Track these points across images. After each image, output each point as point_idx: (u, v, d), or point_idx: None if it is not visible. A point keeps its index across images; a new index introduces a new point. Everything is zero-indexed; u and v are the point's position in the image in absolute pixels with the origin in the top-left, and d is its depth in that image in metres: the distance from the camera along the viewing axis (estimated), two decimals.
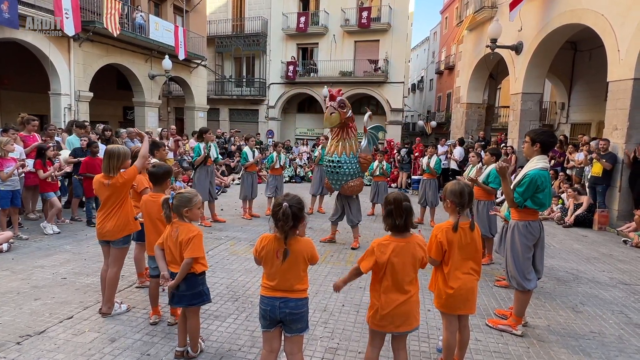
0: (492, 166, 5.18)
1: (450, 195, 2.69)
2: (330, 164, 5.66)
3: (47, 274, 4.41)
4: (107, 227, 3.39)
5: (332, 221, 6.17)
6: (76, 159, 6.73)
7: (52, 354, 2.88)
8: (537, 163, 3.35)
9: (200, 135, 7.14)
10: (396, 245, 2.39)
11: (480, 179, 5.23)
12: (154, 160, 5.01)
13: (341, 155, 5.61)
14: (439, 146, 12.20)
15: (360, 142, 5.93)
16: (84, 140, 6.98)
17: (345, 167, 5.59)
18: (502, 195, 5.64)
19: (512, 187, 3.40)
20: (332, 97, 5.49)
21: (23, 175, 6.00)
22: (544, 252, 3.62)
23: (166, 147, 9.47)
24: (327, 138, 9.07)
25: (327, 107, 5.48)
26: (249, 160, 7.68)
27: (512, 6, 10.27)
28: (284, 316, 2.33)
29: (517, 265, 3.39)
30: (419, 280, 2.58)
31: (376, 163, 8.16)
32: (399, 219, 2.38)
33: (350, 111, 5.59)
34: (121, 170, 3.40)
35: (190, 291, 2.76)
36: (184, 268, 2.71)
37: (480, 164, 6.03)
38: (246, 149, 7.81)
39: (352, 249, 5.81)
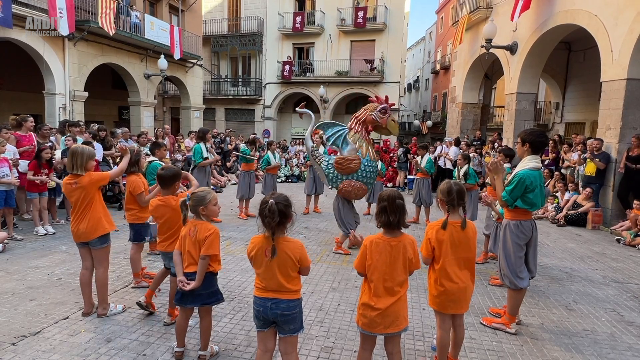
0: (506, 165, 5.20)
1: (439, 194, 2.78)
2: (372, 167, 5.57)
3: (42, 274, 4.40)
4: (80, 228, 3.38)
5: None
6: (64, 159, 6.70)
7: (47, 354, 2.88)
8: (528, 163, 3.39)
9: (203, 136, 7.16)
10: (387, 244, 2.40)
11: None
12: (150, 158, 5.06)
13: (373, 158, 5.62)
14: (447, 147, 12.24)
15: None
16: (69, 139, 6.94)
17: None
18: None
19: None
20: (391, 105, 5.54)
21: (17, 175, 5.96)
22: (538, 252, 3.65)
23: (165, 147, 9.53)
24: (321, 138, 9.08)
25: (389, 115, 5.46)
26: (247, 157, 7.73)
27: (514, 10, 10.34)
28: (275, 317, 2.34)
29: (509, 263, 3.43)
30: (414, 279, 2.59)
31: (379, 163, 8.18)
32: (392, 216, 2.38)
33: None
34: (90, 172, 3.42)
35: (207, 290, 2.77)
36: (201, 266, 2.71)
37: (467, 166, 6.34)
38: (242, 146, 7.88)
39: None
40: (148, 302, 3.49)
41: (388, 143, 15.09)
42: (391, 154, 13.58)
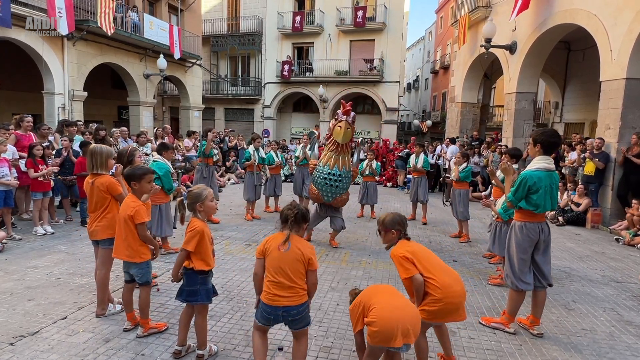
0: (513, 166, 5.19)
1: (393, 226, 2.71)
2: (331, 177, 5.51)
3: (40, 274, 4.39)
4: (93, 226, 3.44)
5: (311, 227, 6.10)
6: (60, 159, 6.68)
7: (46, 354, 2.88)
8: (536, 164, 3.31)
9: (205, 134, 7.20)
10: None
11: (499, 178, 5.25)
12: (156, 157, 5.13)
13: (341, 169, 5.54)
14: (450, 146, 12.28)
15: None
16: (65, 140, 6.96)
17: (344, 182, 5.59)
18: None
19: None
20: (348, 112, 5.37)
21: (17, 175, 5.95)
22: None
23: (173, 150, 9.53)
24: (309, 137, 9.04)
25: (341, 120, 5.37)
26: (251, 159, 7.43)
27: (514, 9, 10.36)
28: (286, 321, 2.53)
29: (512, 265, 3.40)
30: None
31: (365, 162, 8.15)
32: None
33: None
34: (109, 173, 3.47)
35: (188, 287, 2.79)
36: (178, 258, 2.79)
37: (465, 164, 6.43)
38: (250, 148, 7.57)
39: (335, 247, 5.88)
40: (134, 324, 3.28)
41: (388, 142, 15.12)
42: (394, 153, 13.60)
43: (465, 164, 6.44)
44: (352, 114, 5.40)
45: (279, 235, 2.53)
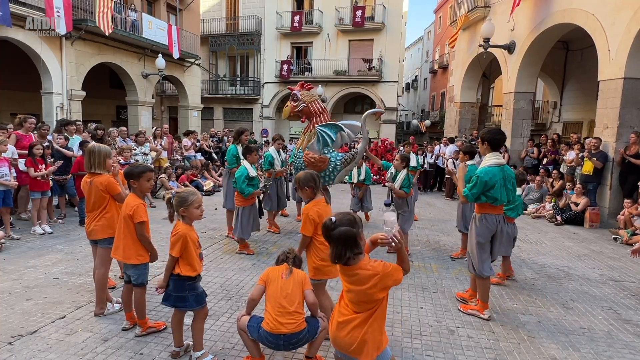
0: (469, 163, 5.26)
1: (306, 183, 3.12)
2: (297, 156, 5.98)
3: (39, 274, 4.39)
4: (91, 226, 3.44)
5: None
6: (53, 163, 6.62)
7: (44, 353, 2.87)
8: (487, 160, 3.62)
9: (237, 137, 6.37)
10: None
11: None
12: (243, 162, 5.41)
13: (298, 149, 5.99)
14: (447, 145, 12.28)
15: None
16: (60, 138, 6.95)
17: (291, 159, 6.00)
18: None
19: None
20: (291, 90, 6.00)
21: (16, 175, 5.94)
22: (535, 250, 3.71)
23: (160, 147, 9.40)
24: None
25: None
26: (275, 165, 6.52)
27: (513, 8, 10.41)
28: (287, 349, 2.68)
29: (475, 254, 3.69)
30: (412, 277, 2.58)
31: (363, 167, 7.54)
32: None
33: (304, 105, 5.86)
34: (106, 173, 3.47)
35: (175, 293, 2.77)
36: (167, 264, 2.79)
37: (405, 170, 5.40)
38: (271, 149, 6.72)
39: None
40: (133, 323, 3.26)
41: (386, 142, 15.14)
42: (392, 153, 13.62)
43: (405, 171, 5.21)
44: (294, 91, 6.03)
45: (280, 267, 2.78)
